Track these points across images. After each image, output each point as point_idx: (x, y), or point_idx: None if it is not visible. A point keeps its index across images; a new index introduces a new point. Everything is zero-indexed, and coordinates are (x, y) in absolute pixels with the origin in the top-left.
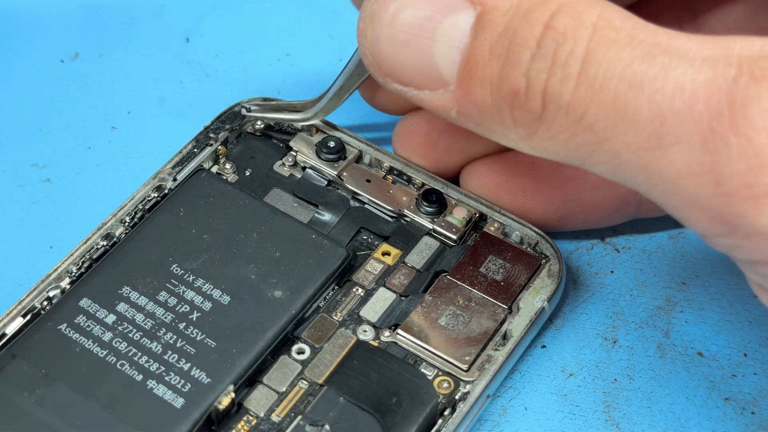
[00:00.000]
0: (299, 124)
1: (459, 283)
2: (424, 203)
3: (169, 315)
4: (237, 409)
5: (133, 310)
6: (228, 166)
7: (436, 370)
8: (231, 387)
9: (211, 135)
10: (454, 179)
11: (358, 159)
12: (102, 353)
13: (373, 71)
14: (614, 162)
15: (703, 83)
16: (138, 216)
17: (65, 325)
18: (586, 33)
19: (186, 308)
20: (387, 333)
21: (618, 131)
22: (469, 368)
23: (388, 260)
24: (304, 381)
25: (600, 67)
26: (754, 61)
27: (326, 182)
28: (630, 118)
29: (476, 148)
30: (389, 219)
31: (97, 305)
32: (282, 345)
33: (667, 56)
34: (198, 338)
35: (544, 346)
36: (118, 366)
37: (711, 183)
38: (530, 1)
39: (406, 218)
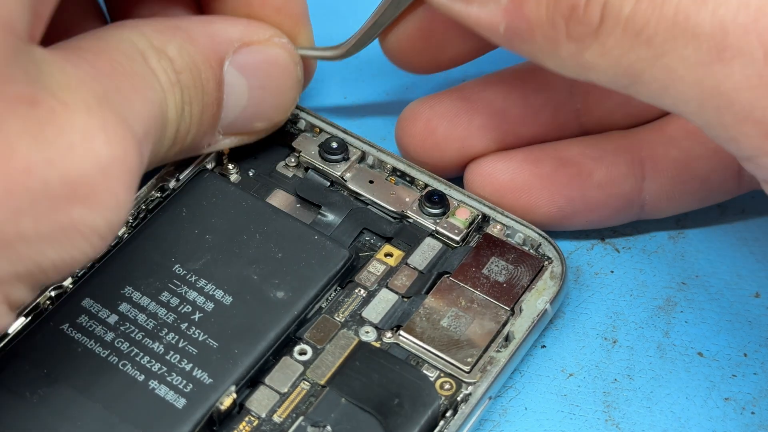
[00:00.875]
0: (334, 58)
1: (461, 284)
2: (427, 204)
3: (171, 315)
4: (239, 409)
5: (136, 310)
6: (231, 166)
7: (438, 372)
8: (233, 388)
9: None
10: (455, 176)
11: (361, 160)
12: (104, 353)
13: None
14: (667, 78)
15: None
16: (141, 216)
17: (67, 324)
18: None
19: (188, 308)
20: (389, 334)
21: (677, 45)
22: (471, 370)
23: (391, 261)
24: (306, 382)
25: None
26: None
27: (329, 183)
28: (691, 31)
29: (474, 141)
30: (392, 220)
31: (99, 305)
32: (284, 346)
33: None
34: (200, 339)
35: (544, 346)
36: (120, 366)
37: None
38: None
39: (408, 219)
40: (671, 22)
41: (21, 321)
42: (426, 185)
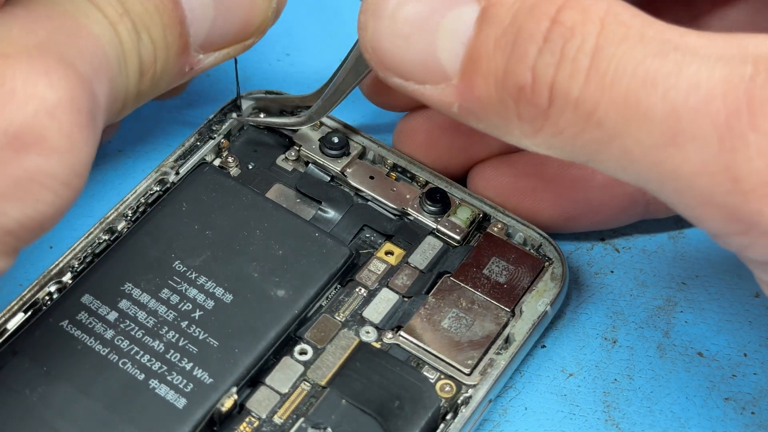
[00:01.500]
0: (296, 128)
1: (462, 284)
2: (428, 202)
3: (171, 313)
4: (239, 410)
5: (135, 307)
6: (230, 159)
7: (438, 374)
8: (234, 389)
9: (214, 127)
10: (455, 179)
11: (362, 155)
12: (104, 351)
13: (374, 65)
14: (624, 160)
15: (719, 81)
16: (140, 210)
17: (67, 321)
18: (594, 28)
19: (188, 306)
20: (389, 335)
21: (630, 128)
22: (471, 372)
23: (391, 260)
24: (306, 382)
25: (611, 63)
26: None
27: (329, 178)
28: (643, 115)
29: (477, 149)
30: (392, 217)
31: (99, 302)
32: (284, 345)
33: (680, 53)
34: (200, 337)
35: (544, 347)
36: (120, 364)
37: (727, 181)
38: None
39: (409, 217)
40: (622, 105)
41: (20, 317)
42: (427, 182)
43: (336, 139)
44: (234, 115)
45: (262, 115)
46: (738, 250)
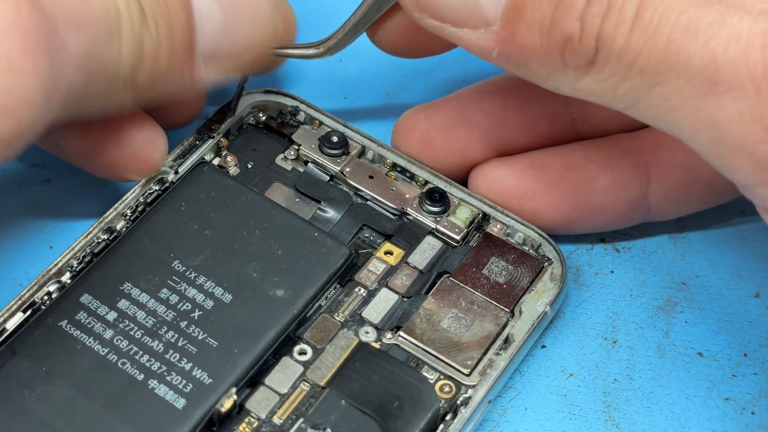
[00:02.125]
0: (312, 58)
1: (461, 285)
2: (428, 202)
3: (170, 313)
4: (238, 410)
5: (135, 307)
6: (230, 158)
7: (437, 374)
8: (233, 389)
9: (213, 127)
10: (453, 180)
11: (361, 154)
12: (103, 351)
13: (409, 5)
14: (662, 107)
15: (759, 32)
16: (139, 209)
17: (66, 321)
18: None
19: (187, 306)
20: (389, 335)
21: (670, 76)
22: (470, 373)
23: (391, 260)
24: (305, 383)
25: (656, 12)
26: None
27: (328, 177)
28: (683, 63)
29: (474, 151)
30: (392, 217)
31: (98, 302)
32: (284, 345)
33: (724, 5)
34: (199, 337)
35: (544, 347)
36: (119, 365)
37: (760, 130)
38: None
39: (408, 216)
40: (663, 54)
41: (19, 316)
42: (426, 182)
43: (335, 139)
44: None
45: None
46: (764, 200)
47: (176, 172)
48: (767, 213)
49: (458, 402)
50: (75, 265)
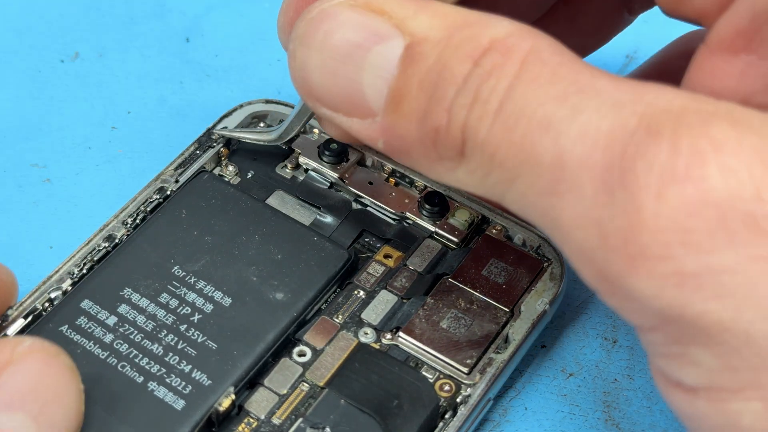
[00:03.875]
0: (264, 144)
1: (461, 286)
2: (427, 206)
3: (170, 317)
4: (238, 411)
5: (135, 311)
6: (230, 167)
7: (437, 373)
8: (232, 389)
9: (213, 136)
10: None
11: (361, 161)
12: (103, 355)
13: (303, 95)
14: (522, 202)
15: (604, 132)
16: (140, 218)
17: (66, 326)
18: (512, 69)
19: (187, 310)
20: (388, 336)
21: (524, 171)
22: (470, 371)
23: (390, 263)
24: (305, 383)
25: (516, 105)
26: (655, 114)
27: (328, 184)
28: (534, 159)
29: None
30: (391, 221)
31: (98, 307)
32: (283, 347)
33: (581, 97)
34: (199, 340)
35: (544, 346)
36: (119, 368)
37: (597, 236)
38: (461, 35)
39: (408, 221)
40: (519, 147)
41: (20, 322)
42: (425, 186)
43: (335, 146)
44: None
45: (233, 129)
46: (613, 309)
47: (177, 182)
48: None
49: (458, 401)
50: (76, 272)
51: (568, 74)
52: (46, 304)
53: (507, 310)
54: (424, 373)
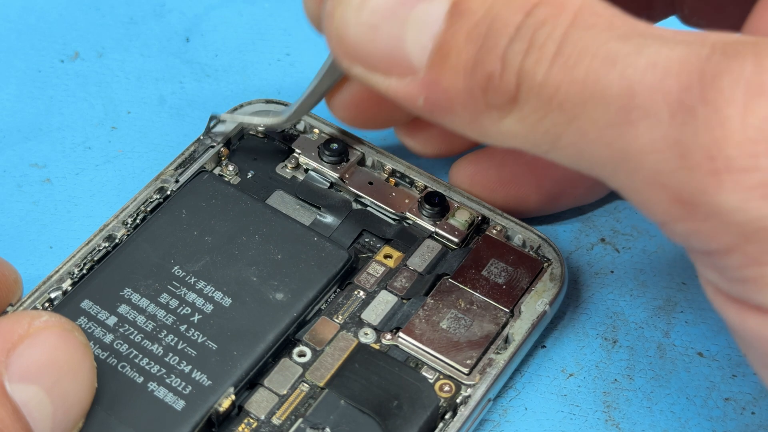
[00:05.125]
0: (272, 128)
1: (461, 286)
2: (427, 206)
3: (170, 317)
4: (237, 411)
5: (135, 311)
6: (230, 168)
7: (437, 374)
8: (231, 389)
9: (213, 136)
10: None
11: (361, 161)
12: (103, 355)
13: (339, 55)
14: (581, 142)
15: (676, 60)
16: (140, 218)
17: None
18: (566, 19)
19: (187, 310)
20: (388, 336)
21: (587, 108)
22: (470, 372)
23: (390, 263)
24: (305, 384)
25: (575, 47)
26: (728, 43)
27: (329, 184)
28: (600, 93)
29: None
30: (391, 222)
31: (98, 307)
32: (283, 347)
33: (643, 38)
34: (199, 340)
35: (544, 347)
36: (119, 368)
37: (675, 157)
38: None
39: (408, 221)
40: (581, 86)
41: None
42: (425, 187)
43: (335, 146)
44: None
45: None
46: (683, 239)
47: (177, 182)
48: (693, 254)
49: (458, 401)
50: (76, 272)
51: (624, 23)
52: (46, 304)
53: (507, 310)
54: (424, 373)
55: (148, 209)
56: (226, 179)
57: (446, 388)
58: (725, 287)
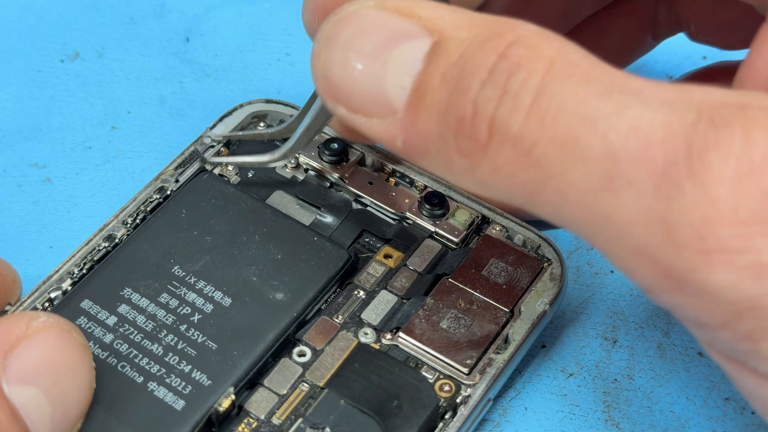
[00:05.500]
0: (266, 165)
1: (461, 286)
2: (427, 206)
3: (170, 317)
4: (237, 411)
5: (135, 311)
6: (230, 167)
7: (437, 374)
8: (231, 389)
9: (207, 162)
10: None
11: (361, 161)
12: (103, 355)
13: (324, 95)
14: (559, 202)
15: (660, 126)
16: (140, 217)
17: None
18: (541, 66)
19: (187, 310)
20: (388, 336)
21: (567, 168)
22: (470, 372)
23: (390, 263)
24: (305, 383)
25: (553, 100)
26: (714, 108)
27: (329, 184)
28: (580, 155)
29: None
30: (391, 221)
31: (98, 307)
32: (283, 347)
33: (624, 95)
34: (199, 340)
35: (544, 346)
36: (119, 368)
37: (661, 232)
38: (487, 32)
39: (408, 221)
40: (561, 143)
41: None
42: (425, 186)
43: (335, 146)
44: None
45: (225, 155)
46: (671, 308)
47: (177, 181)
48: (682, 319)
49: (458, 401)
50: (76, 272)
51: (602, 75)
52: (46, 304)
53: (507, 310)
54: (424, 373)
55: (148, 209)
56: (226, 179)
57: (446, 388)
58: (719, 348)
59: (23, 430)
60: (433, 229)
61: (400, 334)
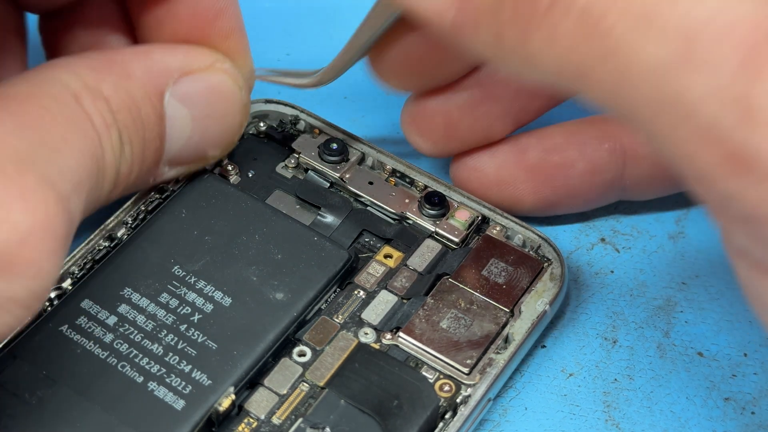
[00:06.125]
0: (306, 88)
1: (461, 286)
2: (427, 206)
3: (170, 317)
4: (237, 411)
5: (135, 311)
6: (230, 167)
7: (437, 374)
8: (231, 389)
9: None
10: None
11: (361, 161)
12: (103, 355)
13: None
14: (620, 80)
15: (746, 11)
16: (140, 217)
17: (66, 326)
18: None
19: (187, 310)
20: (388, 336)
21: (637, 42)
22: (470, 372)
23: (390, 263)
24: (305, 383)
25: None
26: None
27: (329, 184)
28: (658, 27)
29: (497, 127)
30: (391, 221)
31: (98, 306)
32: (283, 347)
33: None
34: (199, 340)
35: (544, 346)
36: (119, 368)
37: (739, 110)
38: None
39: (408, 221)
40: (637, 13)
41: None
42: (425, 186)
43: (335, 146)
44: None
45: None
46: (722, 199)
47: (177, 181)
48: (731, 218)
49: (458, 401)
50: (76, 272)
51: None
52: (46, 304)
53: (507, 310)
54: (424, 373)
55: (149, 209)
56: (226, 179)
57: (446, 388)
58: (759, 255)
59: (160, 136)
60: (433, 229)
61: (400, 334)
